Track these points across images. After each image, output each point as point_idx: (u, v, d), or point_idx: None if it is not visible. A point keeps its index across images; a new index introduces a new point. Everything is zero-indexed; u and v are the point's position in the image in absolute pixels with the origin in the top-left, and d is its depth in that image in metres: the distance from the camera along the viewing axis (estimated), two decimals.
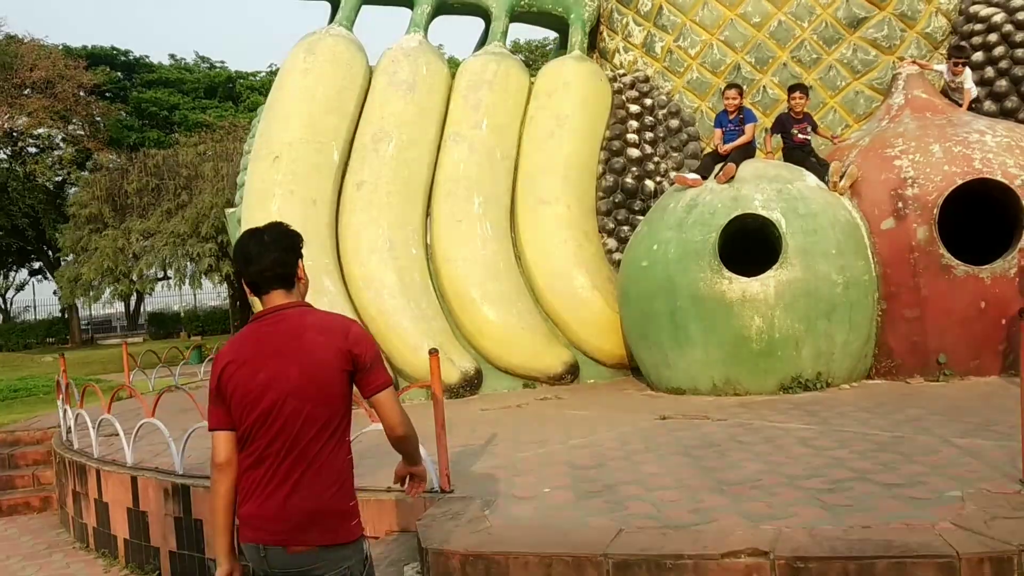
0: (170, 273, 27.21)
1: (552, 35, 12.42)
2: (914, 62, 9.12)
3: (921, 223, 7.61)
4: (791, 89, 8.86)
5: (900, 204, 7.74)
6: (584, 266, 9.35)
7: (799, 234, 7.63)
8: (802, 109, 8.76)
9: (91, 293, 26.73)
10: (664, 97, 10.55)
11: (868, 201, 7.97)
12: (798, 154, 8.59)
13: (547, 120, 9.99)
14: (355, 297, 9.12)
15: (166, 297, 46.29)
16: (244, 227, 9.32)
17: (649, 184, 10.10)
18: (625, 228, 9.90)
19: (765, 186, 7.93)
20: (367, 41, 10.35)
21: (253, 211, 9.17)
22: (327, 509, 2.76)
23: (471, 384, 9.04)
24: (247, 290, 2.92)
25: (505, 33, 10.79)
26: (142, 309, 45.53)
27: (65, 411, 8.78)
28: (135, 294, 41.12)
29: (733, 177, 8.04)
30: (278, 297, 2.86)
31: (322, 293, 8.83)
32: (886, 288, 7.75)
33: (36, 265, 42.28)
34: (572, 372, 9.28)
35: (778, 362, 7.62)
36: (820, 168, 8.33)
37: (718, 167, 8.27)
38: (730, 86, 8.78)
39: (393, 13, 10.96)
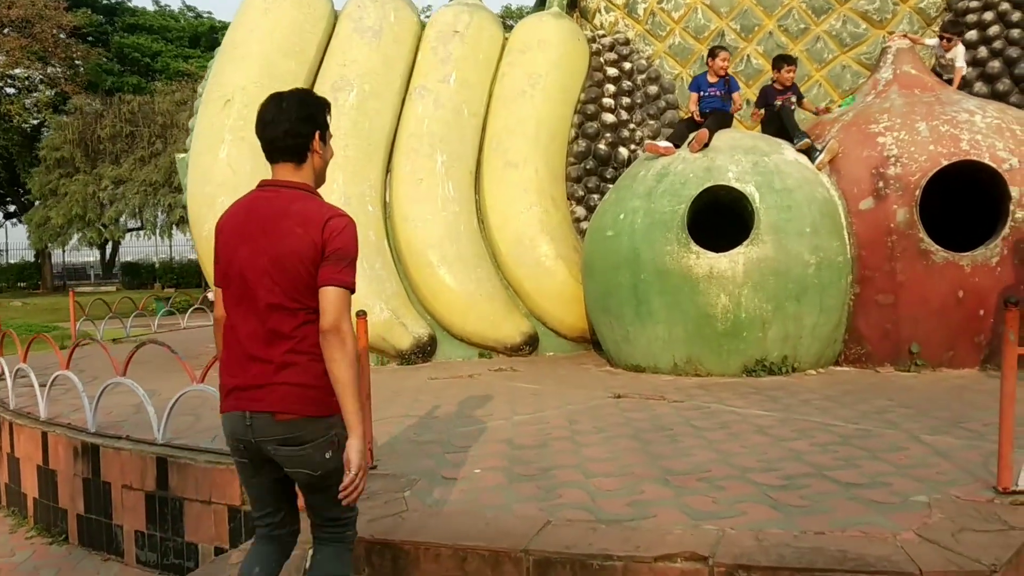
0: (140, 222, 26.54)
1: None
2: (905, 36, 8.59)
3: (902, 204, 7.12)
4: (780, 60, 8.30)
5: (881, 183, 7.25)
6: (549, 234, 8.83)
7: (773, 210, 7.14)
8: (791, 83, 8.22)
9: (60, 239, 26.00)
10: (644, 62, 10.00)
11: (847, 179, 7.47)
12: (776, 122, 8.06)
13: (519, 78, 9.42)
14: None
15: (143, 247, 45.41)
16: (192, 173, 8.76)
17: (623, 152, 9.56)
18: (595, 196, 9.37)
19: (740, 157, 7.42)
20: None
21: (201, 156, 8.59)
22: (304, 383, 2.70)
23: (424, 351, 8.54)
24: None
25: None
26: (117, 259, 44.66)
27: None
28: (111, 243, 40.34)
29: (707, 145, 7.52)
30: (286, 171, 2.83)
31: None
32: (861, 271, 7.28)
33: (11, 209, 41.35)
34: (531, 343, 8.80)
35: (743, 343, 7.16)
36: (796, 133, 7.76)
37: (692, 135, 7.75)
38: (720, 47, 8.22)
39: None
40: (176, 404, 5.50)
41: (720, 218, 7.57)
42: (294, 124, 2.79)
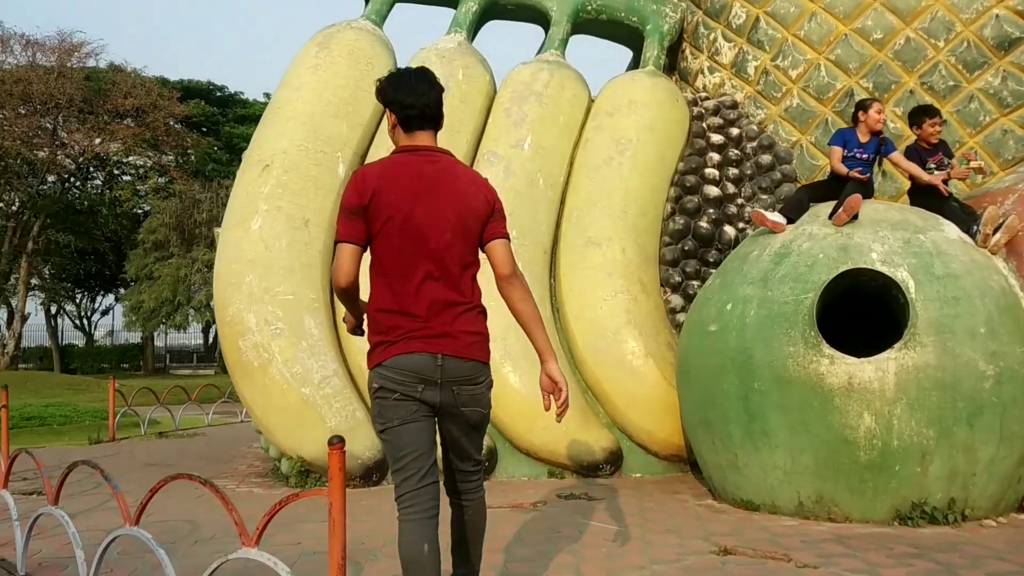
0: None
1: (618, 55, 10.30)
2: None
3: None
4: (918, 113, 6.51)
5: None
6: (638, 326, 7.10)
7: (934, 302, 5.27)
8: (937, 139, 6.43)
9: (151, 322, 25.53)
10: (755, 127, 8.32)
11: None
12: (928, 196, 6.25)
13: (605, 144, 7.86)
14: (345, 345, 7.08)
15: None
16: (220, 248, 7.42)
17: (729, 231, 7.83)
18: (695, 283, 7.64)
19: (887, 234, 5.62)
20: (405, 47, 8.46)
21: (231, 229, 7.25)
22: (480, 331, 3.10)
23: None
24: (393, 121, 3.10)
25: (565, 41, 8.74)
26: (218, 343, 44.62)
27: None
28: (213, 326, 40.23)
29: (856, 216, 5.75)
30: (427, 137, 3.11)
31: (301, 336, 6.81)
32: None
33: (122, 291, 41.94)
34: (613, 461, 7.00)
35: (894, 480, 5.23)
36: (963, 216, 5.97)
37: (830, 204, 5.98)
38: (873, 100, 6.46)
39: (441, 15, 9.04)
40: (113, 547, 3.97)
41: (859, 313, 5.74)
42: (439, 95, 3.09)
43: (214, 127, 37.71)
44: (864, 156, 6.19)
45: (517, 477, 6.99)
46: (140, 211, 35.39)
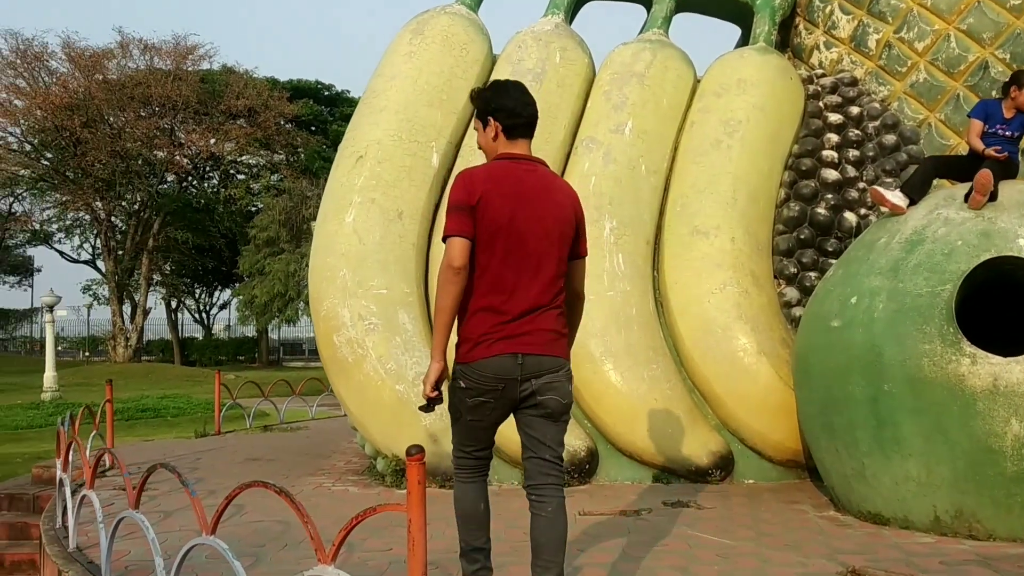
0: None
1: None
2: None
3: None
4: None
5: None
6: (750, 321, 6.58)
7: None
8: None
9: (264, 316, 26.07)
10: (877, 105, 7.64)
11: None
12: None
13: (712, 126, 7.34)
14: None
15: None
16: (315, 241, 7.25)
17: (850, 218, 7.20)
18: (812, 274, 7.05)
19: None
20: (501, 31, 8.12)
21: (326, 222, 7.06)
22: (559, 330, 3.25)
23: (580, 469, 6.46)
24: (496, 129, 3.27)
25: (668, 20, 8.23)
26: None
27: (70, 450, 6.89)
28: None
29: (993, 197, 5.11)
30: (525, 146, 3.31)
31: (395, 331, 6.57)
32: None
33: (236, 286, 43.27)
34: (723, 466, 6.50)
35: None
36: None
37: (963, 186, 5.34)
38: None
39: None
40: (199, 551, 3.77)
41: (1004, 306, 5.10)
42: (537, 110, 3.30)
43: (322, 126, 38.41)
44: (1007, 133, 5.50)
45: (620, 481, 6.58)
46: (253, 208, 36.37)
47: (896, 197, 5.45)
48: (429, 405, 3.30)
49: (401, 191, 7.01)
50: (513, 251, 3.13)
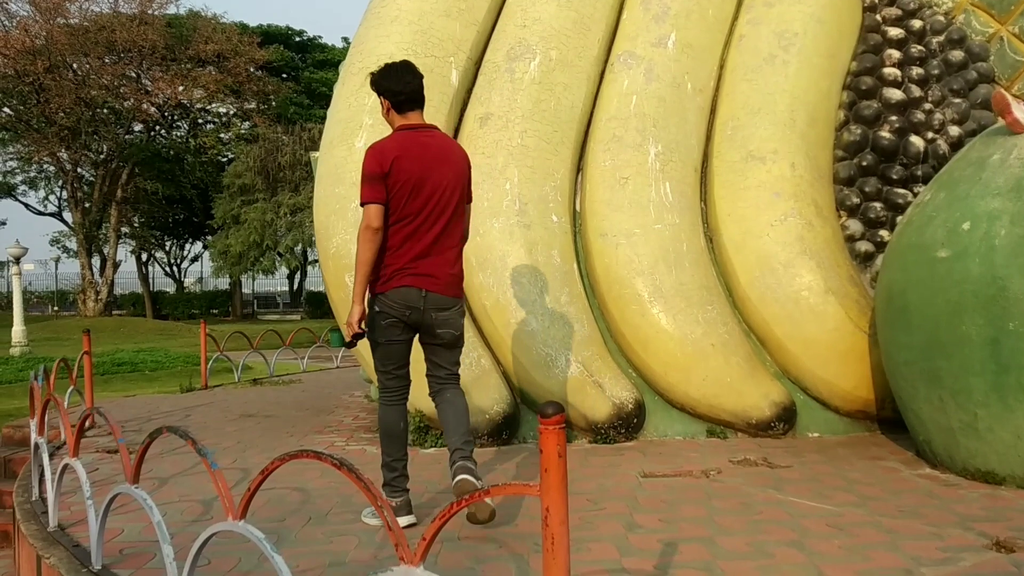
0: (316, 253, 25.26)
1: None
2: None
3: None
4: None
5: None
6: (815, 256, 5.78)
7: None
8: None
9: (238, 266, 24.94)
10: (941, 19, 6.79)
11: None
12: None
13: (765, 40, 6.45)
14: (467, 280, 5.92)
15: None
16: (321, 170, 6.31)
17: (916, 142, 6.38)
18: (876, 205, 6.24)
19: None
20: None
21: (332, 148, 6.12)
22: (459, 272, 3.93)
23: (628, 423, 5.66)
24: (387, 105, 3.93)
25: None
26: (304, 288, 44.40)
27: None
28: (299, 272, 39.90)
29: None
30: (418, 116, 3.93)
31: None
32: None
33: (209, 238, 41.87)
34: (786, 418, 5.74)
35: None
36: None
37: None
38: None
39: None
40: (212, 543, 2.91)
41: None
42: (421, 81, 3.96)
43: (294, 72, 36.94)
44: None
45: (670, 436, 5.79)
46: (224, 159, 34.93)
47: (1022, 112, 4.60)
48: (353, 341, 3.90)
49: None
50: (424, 205, 3.74)
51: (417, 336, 3.91)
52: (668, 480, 4.65)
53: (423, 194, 3.74)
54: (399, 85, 3.85)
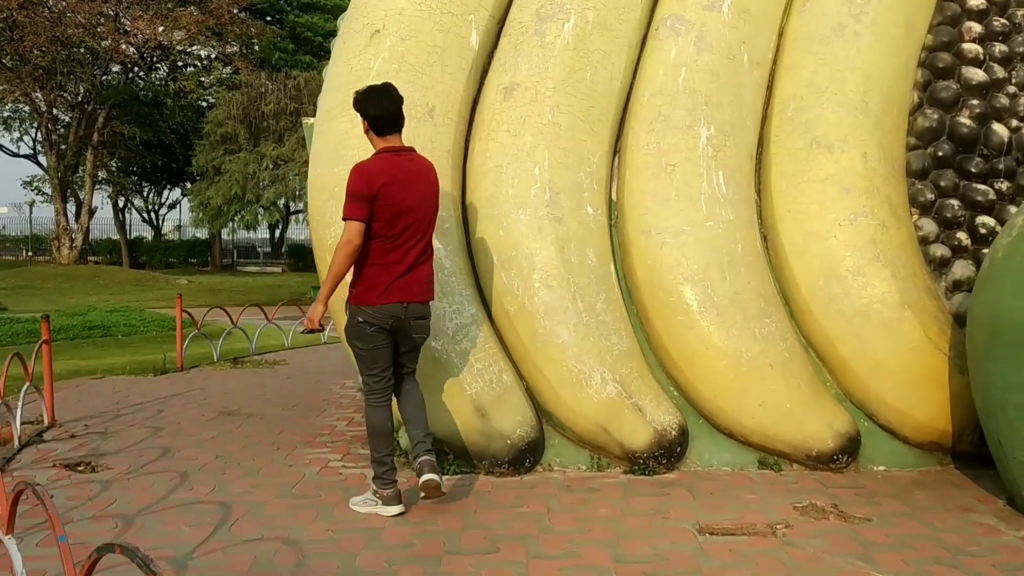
0: (299, 205, 24.15)
1: None
2: None
3: None
4: None
5: None
6: (889, 264, 4.96)
7: None
8: None
9: (219, 220, 23.83)
10: None
11: None
12: None
13: (833, 6, 5.51)
14: (483, 279, 5.06)
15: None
16: (316, 145, 5.37)
17: (999, 131, 5.52)
18: (953, 202, 5.40)
19: None
20: None
21: (330, 120, 5.17)
22: (432, 279, 4.29)
23: (670, 453, 4.87)
24: (365, 126, 4.17)
25: None
26: (285, 238, 43.28)
27: None
28: (280, 222, 38.76)
29: None
30: (397, 139, 4.18)
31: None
32: None
33: (188, 185, 40.50)
34: (850, 451, 4.96)
35: None
36: None
37: None
38: None
39: None
40: None
41: None
42: (400, 106, 4.18)
43: (278, 15, 35.37)
44: None
45: (716, 466, 5.00)
46: (205, 103, 33.51)
47: None
48: (312, 332, 4.30)
49: (432, 79, 5.14)
50: (407, 225, 4.05)
51: None
52: (732, 541, 3.86)
53: (407, 218, 4.05)
54: (378, 110, 4.09)
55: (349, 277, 4.18)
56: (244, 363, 9.25)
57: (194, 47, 33.32)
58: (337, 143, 5.02)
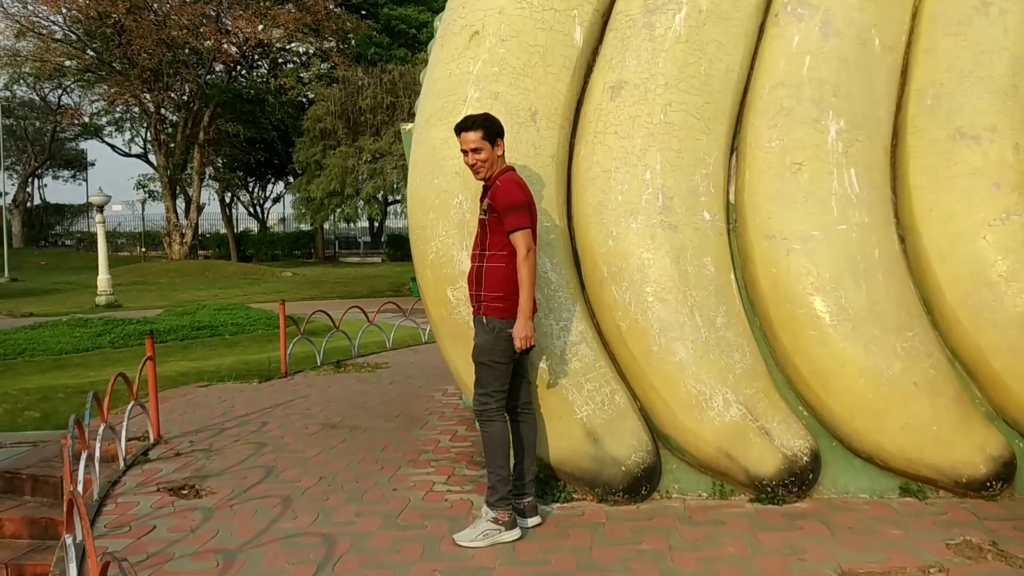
0: (397, 196, 24.27)
1: None
2: None
3: None
4: None
5: None
6: None
7: None
8: None
9: (320, 214, 24.19)
10: None
11: None
12: None
13: None
14: (592, 292, 4.74)
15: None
16: (415, 155, 5.13)
17: None
18: None
19: None
20: None
21: (429, 129, 4.91)
22: None
23: (801, 480, 4.46)
24: (503, 147, 4.17)
25: None
26: (384, 229, 43.85)
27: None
28: (379, 214, 39.33)
29: None
30: None
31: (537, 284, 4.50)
32: None
33: (291, 179, 41.42)
34: (1004, 476, 4.45)
35: None
36: None
37: None
38: None
39: None
40: None
41: None
42: None
43: (372, 9, 35.62)
44: None
45: (852, 493, 4.56)
46: (304, 99, 34.09)
47: None
48: (527, 351, 4.13)
49: (534, 81, 4.82)
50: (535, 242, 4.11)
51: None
52: None
53: (536, 233, 4.14)
54: (497, 126, 4.16)
55: (470, 291, 4.21)
56: (346, 366, 9.17)
57: (292, 44, 33.92)
58: (435, 152, 4.76)
